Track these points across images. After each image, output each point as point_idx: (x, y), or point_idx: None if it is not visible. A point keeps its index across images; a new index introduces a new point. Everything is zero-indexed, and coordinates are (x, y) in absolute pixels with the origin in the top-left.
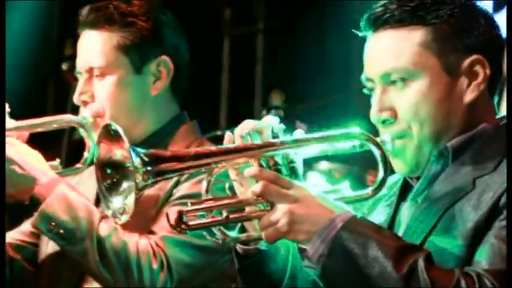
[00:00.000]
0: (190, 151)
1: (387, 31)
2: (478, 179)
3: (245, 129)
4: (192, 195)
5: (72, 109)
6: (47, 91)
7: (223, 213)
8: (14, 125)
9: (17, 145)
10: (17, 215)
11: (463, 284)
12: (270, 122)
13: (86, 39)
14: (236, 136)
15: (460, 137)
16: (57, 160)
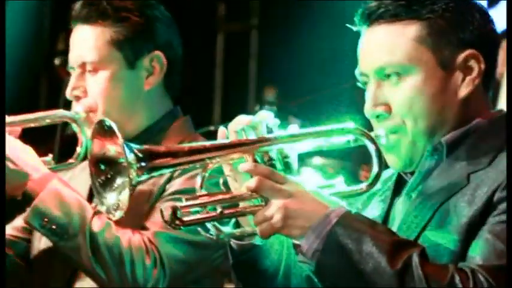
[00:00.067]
0: (184, 147)
1: (382, 26)
2: (473, 174)
3: (239, 125)
4: (185, 191)
5: (65, 104)
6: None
7: (218, 209)
8: (6, 121)
9: (10, 140)
10: (9, 210)
11: (457, 279)
12: (264, 117)
13: (79, 34)
14: (230, 131)
15: (454, 132)
16: (49, 155)
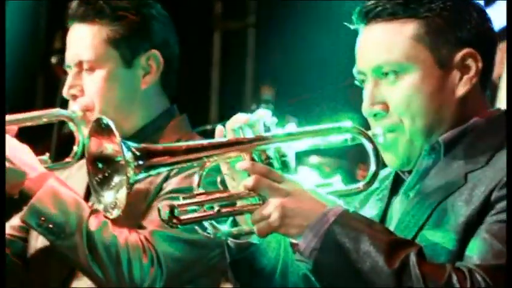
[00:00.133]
0: (182, 145)
1: (379, 24)
2: (470, 174)
3: (237, 123)
4: (182, 190)
5: (62, 103)
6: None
7: (215, 207)
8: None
9: (7, 139)
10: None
11: (455, 279)
12: (262, 115)
13: (75, 32)
14: (228, 130)
15: (452, 131)
16: (46, 154)
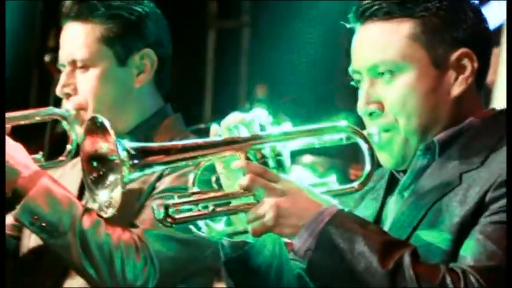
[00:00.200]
0: (177, 144)
1: (375, 23)
2: (465, 174)
3: (232, 122)
4: (175, 189)
5: (55, 102)
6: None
7: (210, 207)
8: None
9: None
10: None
11: (449, 280)
12: (257, 114)
13: (69, 31)
14: (223, 128)
15: (447, 131)
16: (39, 153)
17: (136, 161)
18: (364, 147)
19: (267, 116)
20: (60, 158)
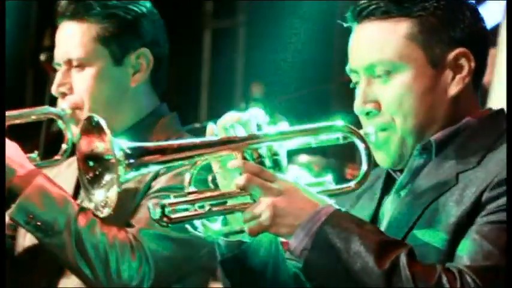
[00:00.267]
0: (173, 144)
1: (373, 22)
2: (461, 174)
3: (229, 121)
4: (171, 188)
5: (51, 101)
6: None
7: (206, 206)
8: None
9: None
10: None
11: (445, 280)
12: (254, 114)
13: (65, 30)
14: (219, 128)
15: (443, 130)
16: (35, 152)
17: (132, 161)
18: (360, 146)
19: (264, 115)
20: (56, 157)
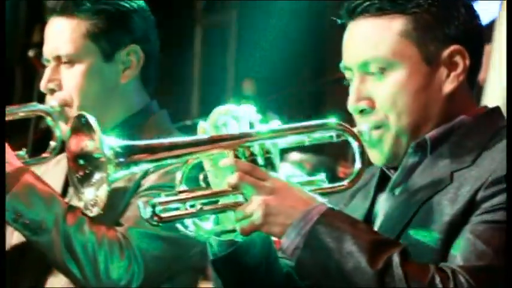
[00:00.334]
0: (164, 142)
1: (367, 19)
2: (456, 173)
3: (218, 116)
4: (161, 186)
5: (39, 97)
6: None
7: (197, 205)
8: None
9: None
10: None
11: (438, 280)
12: (246, 111)
13: (54, 26)
14: (210, 126)
15: (438, 128)
16: (23, 149)
17: (122, 159)
18: (354, 145)
19: (256, 113)
20: (44, 154)
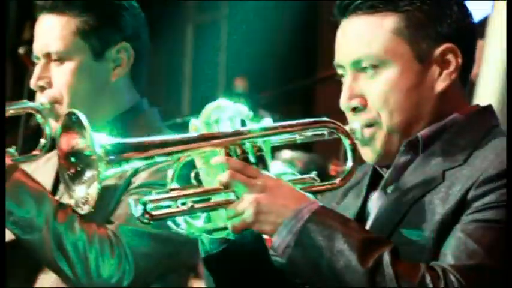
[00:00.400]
0: (155, 139)
1: (359, 17)
2: (448, 171)
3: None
4: (152, 184)
5: (29, 95)
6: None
7: (189, 203)
8: None
9: None
10: None
11: (428, 279)
12: (238, 109)
13: (44, 23)
14: (202, 123)
15: (430, 126)
16: (13, 147)
17: (113, 157)
18: (346, 143)
19: (247, 110)
20: (34, 152)
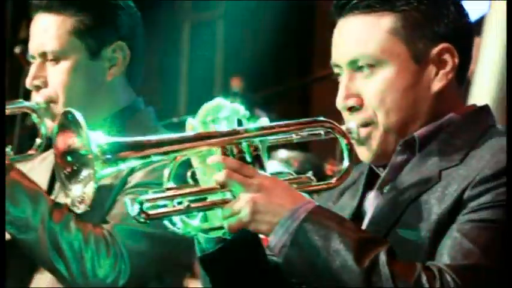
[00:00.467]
0: (152, 139)
1: (356, 16)
2: (444, 171)
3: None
4: (148, 183)
5: (25, 94)
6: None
7: (185, 202)
8: None
9: None
10: None
11: (424, 279)
12: (234, 108)
13: (40, 22)
14: (199, 123)
15: (427, 126)
16: (9, 146)
17: (109, 156)
18: (342, 142)
19: (244, 110)
20: (30, 151)
